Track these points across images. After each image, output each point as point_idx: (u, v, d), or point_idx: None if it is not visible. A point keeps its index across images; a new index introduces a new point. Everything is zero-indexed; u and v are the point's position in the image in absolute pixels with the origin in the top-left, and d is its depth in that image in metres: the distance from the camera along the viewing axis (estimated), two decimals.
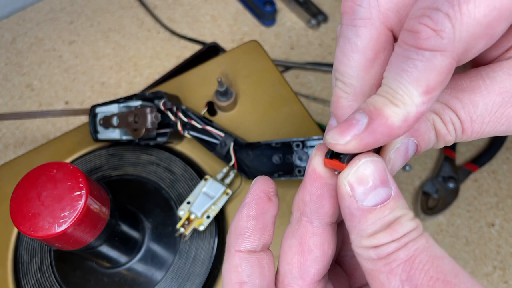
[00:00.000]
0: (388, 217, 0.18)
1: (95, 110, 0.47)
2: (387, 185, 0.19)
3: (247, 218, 0.21)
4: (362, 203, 0.18)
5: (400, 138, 0.20)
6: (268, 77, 0.51)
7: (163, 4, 0.78)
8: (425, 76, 0.18)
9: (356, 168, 0.19)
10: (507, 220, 0.61)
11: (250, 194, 0.22)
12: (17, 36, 0.76)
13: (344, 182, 0.19)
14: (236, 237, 0.21)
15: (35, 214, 0.31)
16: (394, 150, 0.21)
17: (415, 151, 0.21)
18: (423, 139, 0.21)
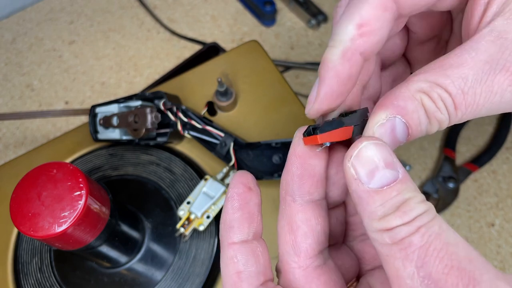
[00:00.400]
0: (396, 198, 0.18)
1: (95, 110, 0.47)
2: (393, 167, 0.19)
3: (232, 211, 0.22)
4: (368, 185, 0.19)
5: (383, 114, 0.20)
6: (268, 77, 0.51)
7: (163, 4, 0.78)
8: (357, 10, 0.21)
9: (358, 150, 0.19)
10: (507, 220, 0.61)
11: (230, 188, 0.22)
12: (17, 36, 0.76)
13: (348, 164, 0.19)
14: (226, 230, 0.22)
15: (35, 214, 0.31)
16: (378, 125, 0.20)
17: (406, 133, 0.20)
18: (412, 119, 0.20)
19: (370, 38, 0.21)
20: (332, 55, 0.21)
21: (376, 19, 0.21)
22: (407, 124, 0.20)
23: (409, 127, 0.20)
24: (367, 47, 0.21)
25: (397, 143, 0.21)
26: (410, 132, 0.20)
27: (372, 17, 0.21)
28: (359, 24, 0.21)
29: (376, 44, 0.22)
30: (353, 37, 0.21)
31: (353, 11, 0.21)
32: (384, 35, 0.22)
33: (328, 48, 0.22)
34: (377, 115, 0.20)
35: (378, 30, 0.21)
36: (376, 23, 0.21)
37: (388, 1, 0.21)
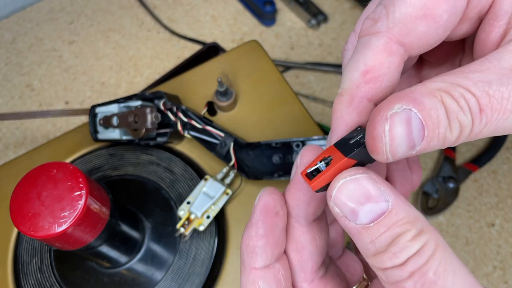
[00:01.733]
0: (385, 235, 0.17)
1: (95, 110, 0.47)
2: (378, 199, 0.18)
3: (256, 238, 0.21)
4: (355, 222, 0.18)
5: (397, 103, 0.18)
6: (268, 77, 0.51)
7: (163, 4, 0.78)
8: (362, 56, 0.20)
9: (335, 190, 0.18)
10: (507, 220, 0.61)
11: (256, 211, 0.21)
12: (17, 36, 0.76)
13: (331, 204, 0.19)
14: (249, 255, 0.21)
15: (35, 214, 0.31)
16: (391, 113, 0.18)
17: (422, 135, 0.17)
18: (430, 116, 0.17)
19: (376, 85, 0.20)
20: (339, 104, 0.21)
21: (380, 65, 0.20)
22: (424, 122, 0.17)
23: (426, 126, 0.17)
24: (375, 93, 0.20)
25: (411, 144, 0.18)
26: (426, 134, 0.17)
27: (377, 63, 0.20)
28: (363, 71, 0.20)
29: (384, 89, 0.20)
30: (358, 85, 0.20)
31: (357, 58, 0.20)
32: (393, 80, 0.20)
33: (337, 96, 0.21)
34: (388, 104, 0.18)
35: (384, 76, 0.20)
36: (381, 69, 0.20)
37: (392, 45, 0.20)
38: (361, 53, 0.20)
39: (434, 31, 0.20)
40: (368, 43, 0.20)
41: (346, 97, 0.21)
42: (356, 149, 0.19)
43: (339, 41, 0.74)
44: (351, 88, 0.20)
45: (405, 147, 0.18)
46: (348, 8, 0.77)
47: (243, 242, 0.21)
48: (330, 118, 0.68)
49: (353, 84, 0.20)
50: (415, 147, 0.18)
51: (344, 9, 0.77)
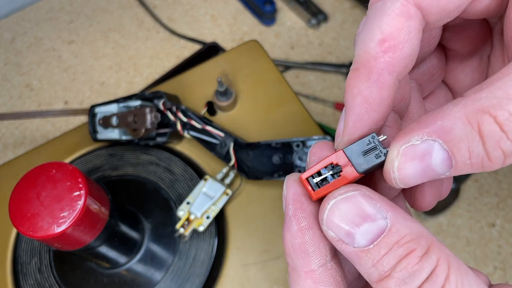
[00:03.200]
0: (387, 258, 0.15)
1: (95, 110, 0.46)
2: (375, 218, 0.16)
3: (301, 233, 0.18)
4: (353, 245, 0.16)
5: (418, 134, 0.16)
6: (268, 77, 0.51)
7: (163, 4, 0.78)
8: (377, 23, 0.18)
9: (326, 213, 0.17)
10: (507, 220, 0.60)
11: (289, 203, 0.18)
12: (16, 36, 0.76)
13: (323, 227, 0.17)
14: (299, 257, 0.18)
15: (34, 214, 0.31)
16: (406, 145, 0.16)
17: (449, 166, 0.15)
18: (458, 149, 0.15)
19: (397, 54, 0.18)
20: (355, 80, 0.18)
21: (399, 31, 0.17)
22: (451, 153, 0.15)
23: (453, 158, 0.15)
24: (396, 64, 0.18)
25: (432, 174, 0.16)
26: (455, 164, 0.15)
27: (395, 29, 0.17)
28: (381, 39, 0.17)
29: (405, 59, 0.18)
30: (376, 55, 0.18)
31: (372, 26, 0.18)
32: (413, 48, 0.18)
33: (350, 72, 0.18)
34: (408, 134, 0.16)
35: (405, 43, 0.18)
36: (401, 35, 0.17)
37: (410, 8, 0.17)
38: (375, 20, 0.18)
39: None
40: (382, 8, 0.18)
41: (363, 71, 0.18)
42: (369, 167, 0.17)
43: (339, 40, 0.74)
44: (368, 60, 0.18)
45: (420, 179, 0.16)
46: (349, 8, 0.77)
47: (287, 244, 0.18)
48: (330, 118, 0.68)
49: (369, 55, 0.18)
50: (439, 175, 0.16)
51: (345, 8, 0.77)
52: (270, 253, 0.43)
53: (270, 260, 0.43)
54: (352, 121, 0.18)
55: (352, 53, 0.73)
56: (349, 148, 0.18)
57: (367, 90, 0.18)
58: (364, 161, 0.18)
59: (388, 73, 0.18)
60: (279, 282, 0.42)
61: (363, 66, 0.18)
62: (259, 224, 0.44)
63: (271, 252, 0.43)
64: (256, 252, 0.43)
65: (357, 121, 0.18)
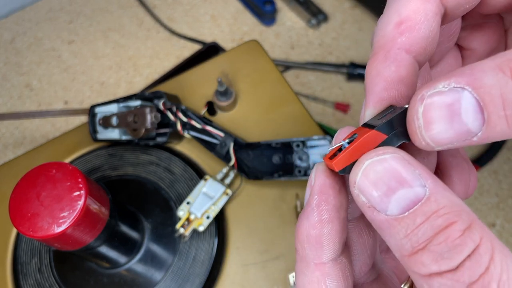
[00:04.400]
0: (423, 228, 0.14)
1: (95, 110, 0.46)
2: (413, 183, 0.14)
3: (320, 225, 0.17)
4: (385, 213, 0.15)
5: (444, 81, 0.14)
6: (268, 77, 0.51)
7: (163, 4, 0.78)
8: (395, 8, 0.18)
9: (361, 172, 0.15)
10: (507, 220, 0.60)
11: (315, 193, 0.17)
12: (16, 36, 0.76)
13: (355, 191, 0.16)
14: (313, 248, 0.17)
15: (34, 214, 0.31)
16: (432, 92, 0.15)
17: (481, 120, 0.14)
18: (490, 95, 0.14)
19: (413, 34, 0.17)
20: (374, 62, 0.18)
21: (416, 13, 0.17)
22: (482, 102, 0.14)
23: (485, 108, 0.14)
24: (413, 44, 0.18)
25: (464, 130, 0.14)
26: (488, 118, 0.14)
27: (412, 12, 0.18)
28: (397, 22, 0.18)
29: (423, 40, 0.18)
30: (393, 37, 0.18)
31: (389, 12, 0.18)
32: (431, 30, 0.18)
33: (369, 59, 0.18)
34: (433, 82, 0.15)
35: (421, 24, 0.17)
36: (417, 16, 0.17)
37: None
38: (393, 5, 0.18)
39: None
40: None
41: (381, 53, 0.18)
42: (385, 120, 0.16)
43: (339, 40, 0.74)
44: (386, 43, 0.18)
45: (452, 133, 0.14)
46: (348, 8, 0.77)
47: (301, 233, 0.17)
48: (330, 118, 0.68)
49: (387, 38, 0.18)
50: (472, 133, 0.14)
51: (345, 8, 0.77)
52: (270, 253, 0.43)
53: (270, 260, 0.43)
54: (372, 101, 0.18)
55: (352, 53, 0.73)
56: (367, 122, 0.17)
57: (385, 69, 0.17)
58: (380, 120, 0.17)
59: (405, 52, 0.18)
60: (279, 282, 0.42)
61: (381, 49, 0.18)
62: (259, 224, 0.44)
63: (271, 252, 0.43)
64: (256, 252, 0.43)
65: (377, 100, 0.17)
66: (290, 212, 0.45)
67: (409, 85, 0.18)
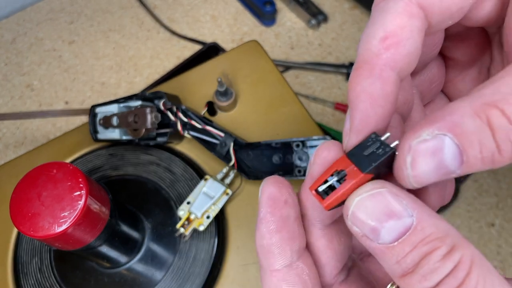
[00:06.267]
0: (411, 255, 0.15)
1: (95, 110, 0.47)
2: (399, 215, 0.16)
3: (269, 235, 0.19)
4: (377, 242, 0.16)
5: (428, 129, 0.16)
6: (268, 77, 0.51)
7: (163, 4, 0.78)
8: (380, 22, 0.18)
9: (353, 207, 0.17)
10: (507, 220, 0.61)
11: (262, 206, 0.19)
12: (17, 36, 0.76)
13: (349, 223, 0.17)
14: (266, 256, 0.19)
15: (35, 214, 0.31)
16: (418, 141, 0.16)
17: (460, 161, 0.15)
18: (470, 142, 0.15)
19: (398, 50, 0.18)
20: (358, 77, 0.18)
21: (401, 28, 0.18)
22: (462, 147, 0.15)
23: (464, 152, 0.15)
24: (398, 60, 0.18)
25: (444, 171, 0.16)
26: (466, 160, 0.15)
27: (397, 27, 0.18)
28: (383, 37, 0.18)
29: (407, 56, 0.18)
30: (378, 52, 0.18)
31: (374, 25, 0.18)
32: (415, 47, 0.18)
33: (352, 72, 0.18)
34: (418, 130, 0.16)
35: (406, 40, 0.18)
36: (403, 33, 0.18)
37: (413, 7, 0.18)
38: (378, 19, 0.18)
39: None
40: (385, 7, 0.18)
41: (366, 68, 0.18)
42: (374, 164, 0.17)
43: (339, 41, 0.74)
44: (370, 58, 0.18)
45: (434, 176, 0.16)
46: (348, 8, 0.77)
47: (257, 243, 0.19)
48: (330, 118, 0.68)
49: (371, 52, 0.18)
50: (451, 172, 0.16)
51: (344, 9, 0.77)
52: None
53: None
54: (358, 118, 0.18)
55: (352, 53, 0.73)
56: (351, 151, 0.18)
57: (370, 85, 0.18)
58: (368, 161, 0.17)
59: (390, 69, 0.18)
60: None
61: (365, 63, 0.18)
62: None
63: None
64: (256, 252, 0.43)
65: (363, 117, 0.18)
66: None
67: (393, 102, 0.18)
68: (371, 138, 0.18)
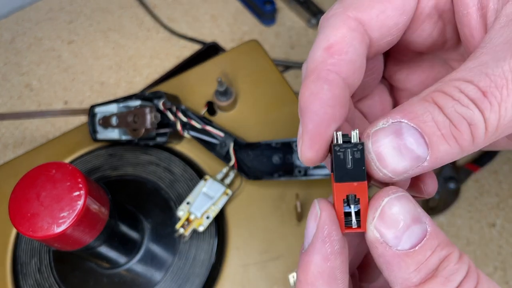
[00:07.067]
0: (432, 259, 0.15)
1: (94, 110, 0.46)
2: (421, 220, 0.16)
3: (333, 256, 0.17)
4: (396, 248, 0.16)
5: (383, 119, 0.17)
6: (268, 77, 0.51)
7: (163, 4, 0.78)
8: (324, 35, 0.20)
9: (380, 209, 0.16)
10: (508, 220, 0.60)
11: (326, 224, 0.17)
12: (16, 36, 0.76)
13: (371, 228, 0.17)
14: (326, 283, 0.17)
15: (34, 214, 0.31)
16: (374, 129, 0.17)
17: (424, 144, 0.16)
18: (424, 122, 0.16)
19: (341, 57, 0.19)
20: (306, 84, 0.19)
21: (343, 37, 0.19)
22: (420, 128, 0.16)
23: (423, 132, 0.16)
24: (342, 65, 0.19)
25: (413, 156, 0.16)
26: (429, 140, 0.16)
27: (339, 37, 0.19)
28: (326, 47, 0.19)
29: (350, 63, 0.19)
30: (323, 60, 0.19)
31: (319, 39, 0.20)
32: (357, 54, 0.19)
33: (302, 82, 0.19)
34: (375, 122, 0.17)
35: (348, 48, 0.19)
36: (345, 40, 0.19)
37: (351, 21, 0.19)
38: (322, 33, 0.20)
39: (391, 12, 0.19)
40: (327, 23, 0.20)
41: (313, 75, 0.19)
42: (363, 167, 0.17)
43: None
44: (316, 65, 0.19)
45: (404, 162, 0.16)
46: None
47: (311, 271, 0.17)
48: None
49: (317, 61, 0.19)
50: (422, 159, 0.16)
51: None
52: (270, 253, 0.43)
53: (270, 260, 0.43)
54: (309, 119, 0.18)
55: None
56: (336, 176, 0.17)
57: (318, 88, 0.18)
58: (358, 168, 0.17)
59: (335, 73, 0.19)
60: (279, 282, 0.42)
61: (312, 72, 0.19)
62: (259, 224, 0.44)
63: (271, 252, 0.43)
64: (256, 252, 0.43)
65: (313, 117, 0.18)
66: (290, 212, 0.45)
67: (342, 104, 0.18)
68: (337, 151, 0.17)
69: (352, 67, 0.19)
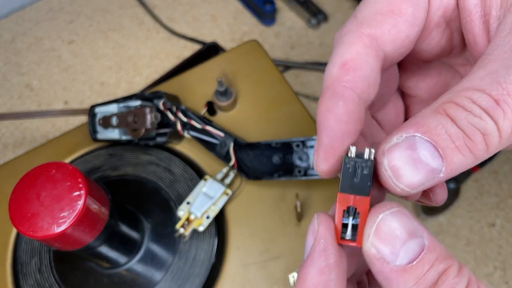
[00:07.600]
0: (430, 273, 0.16)
1: (95, 110, 0.46)
2: (417, 235, 0.16)
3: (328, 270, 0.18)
4: (394, 264, 0.16)
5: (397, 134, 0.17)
6: (268, 77, 0.51)
7: (163, 4, 0.78)
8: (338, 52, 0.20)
9: (376, 225, 0.17)
10: (507, 220, 0.60)
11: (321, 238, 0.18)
12: (16, 36, 0.76)
13: (367, 245, 0.17)
14: None
15: (34, 214, 0.31)
16: (389, 145, 0.17)
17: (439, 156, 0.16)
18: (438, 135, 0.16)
19: (356, 73, 0.19)
20: (323, 100, 0.19)
21: (358, 54, 0.20)
22: (433, 142, 0.16)
23: (437, 145, 0.16)
24: (357, 82, 0.19)
25: (428, 169, 0.16)
26: (443, 152, 0.16)
27: (354, 54, 0.20)
28: (341, 63, 0.20)
29: (365, 78, 0.19)
30: (338, 77, 0.20)
31: (334, 56, 0.20)
32: (372, 70, 0.20)
33: (320, 99, 0.20)
34: (388, 138, 0.17)
35: (363, 64, 0.20)
36: (359, 57, 0.20)
37: (365, 38, 0.20)
38: (337, 50, 0.20)
39: (403, 25, 0.20)
40: (341, 40, 0.21)
41: (329, 91, 0.19)
42: (369, 182, 0.17)
43: None
44: (332, 82, 0.20)
45: (420, 175, 0.16)
46: (349, 8, 0.77)
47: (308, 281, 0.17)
48: None
49: (333, 78, 0.20)
50: (437, 171, 0.16)
51: (345, 8, 0.77)
52: (270, 253, 0.43)
53: (270, 260, 0.43)
54: (324, 134, 0.19)
55: None
56: (341, 185, 0.18)
57: (333, 104, 0.19)
58: (363, 183, 0.18)
59: (350, 89, 0.19)
60: (279, 282, 0.42)
61: (328, 88, 0.20)
62: (259, 224, 0.44)
63: (271, 252, 0.43)
64: (256, 252, 0.43)
65: (328, 132, 0.19)
66: (290, 212, 0.45)
67: (356, 119, 0.19)
68: (347, 163, 0.18)
69: (367, 82, 0.20)
